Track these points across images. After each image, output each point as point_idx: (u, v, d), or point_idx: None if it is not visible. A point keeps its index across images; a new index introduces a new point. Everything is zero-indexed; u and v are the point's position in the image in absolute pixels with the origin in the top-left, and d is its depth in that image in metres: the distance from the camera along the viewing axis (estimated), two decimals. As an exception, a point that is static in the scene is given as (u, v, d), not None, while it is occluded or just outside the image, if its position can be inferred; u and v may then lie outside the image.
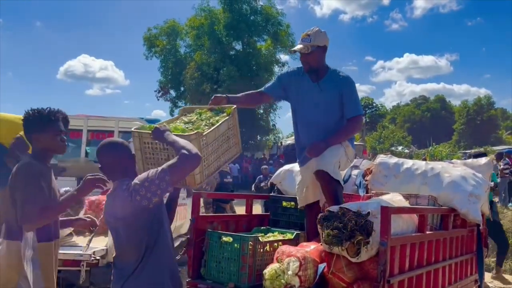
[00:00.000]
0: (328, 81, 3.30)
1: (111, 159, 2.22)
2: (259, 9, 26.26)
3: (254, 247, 2.93)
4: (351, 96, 3.29)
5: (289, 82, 3.44)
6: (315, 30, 3.28)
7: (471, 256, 3.94)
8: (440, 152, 26.31)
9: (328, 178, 3.14)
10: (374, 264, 2.56)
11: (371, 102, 54.09)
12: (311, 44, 3.22)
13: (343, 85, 3.28)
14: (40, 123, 2.53)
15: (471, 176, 3.67)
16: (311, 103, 3.32)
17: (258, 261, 2.96)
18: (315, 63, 3.28)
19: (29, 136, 2.59)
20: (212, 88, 24.77)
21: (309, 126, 3.37)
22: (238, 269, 2.92)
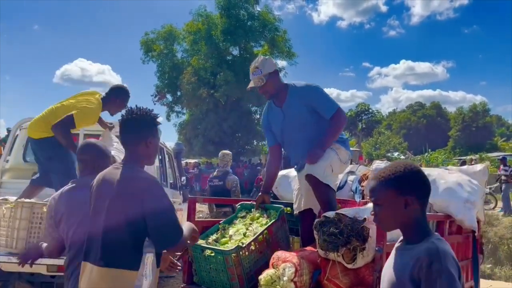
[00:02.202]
0: (291, 100, 3.37)
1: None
2: (256, 15, 26.33)
3: (238, 256, 2.88)
4: (319, 100, 3.33)
5: (268, 121, 3.58)
6: (260, 60, 3.37)
7: (466, 262, 3.94)
8: (436, 158, 26.37)
9: (316, 182, 3.17)
10: (370, 271, 2.56)
11: (368, 108, 54.20)
12: (263, 74, 3.31)
13: (306, 95, 3.33)
14: (155, 126, 2.19)
15: (466, 183, 3.69)
16: (286, 126, 3.41)
17: (247, 264, 2.94)
18: (273, 89, 3.39)
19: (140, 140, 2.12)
20: (209, 93, 24.80)
21: (292, 145, 3.48)
22: (229, 279, 2.90)
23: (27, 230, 3.45)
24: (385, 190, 1.58)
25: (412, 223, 1.57)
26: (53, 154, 4.01)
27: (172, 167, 6.73)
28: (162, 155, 6.13)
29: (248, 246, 2.94)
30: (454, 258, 1.49)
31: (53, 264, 3.51)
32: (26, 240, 3.46)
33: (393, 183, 1.56)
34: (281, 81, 3.45)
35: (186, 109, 28.14)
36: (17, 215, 3.46)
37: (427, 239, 1.54)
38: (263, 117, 3.65)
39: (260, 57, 3.42)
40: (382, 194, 1.59)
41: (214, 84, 24.97)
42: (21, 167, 5.22)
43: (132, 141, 2.14)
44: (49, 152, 4.03)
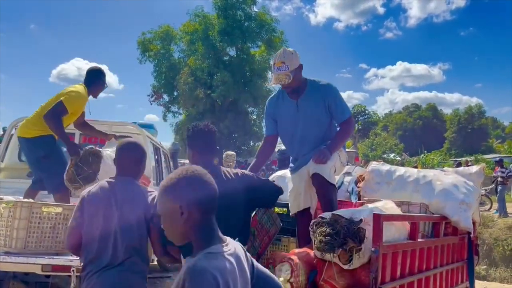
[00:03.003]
0: (309, 95, 3.33)
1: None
2: (253, 16, 26.35)
3: None
4: (336, 102, 3.33)
5: (274, 110, 3.49)
6: (288, 55, 3.24)
7: (462, 264, 3.95)
8: (432, 160, 26.47)
9: (323, 181, 3.16)
10: (366, 272, 2.56)
11: (364, 110, 54.44)
12: (290, 71, 3.19)
13: (326, 94, 3.32)
14: None
15: (462, 184, 3.70)
16: (297, 120, 3.36)
17: None
18: (296, 85, 3.30)
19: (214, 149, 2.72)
20: (206, 93, 24.78)
21: (300, 141, 3.41)
22: None
23: (26, 230, 3.44)
24: (162, 199, 1.47)
25: (193, 233, 1.45)
26: (47, 153, 3.98)
27: (168, 167, 6.72)
28: (158, 155, 6.12)
29: None
30: (214, 278, 1.29)
31: (47, 264, 3.50)
32: (25, 240, 3.45)
33: (169, 190, 1.45)
34: (301, 76, 3.35)
35: (182, 109, 28.10)
36: (16, 214, 3.45)
37: (199, 253, 1.40)
38: (270, 104, 3.53)
39: (286, 51, 3.29)
40: (160, 203, 1.48)
41: (211, 84, 24.96)
42: (16, 167, 5.21)
43: None
44: (44, 151, 3.98)
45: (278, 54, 3.28)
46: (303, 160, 3.35)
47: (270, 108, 3.53)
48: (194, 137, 2.64)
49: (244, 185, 2.55)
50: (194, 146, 2.64)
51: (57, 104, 3.88)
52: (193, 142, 2.65)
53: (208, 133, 2.65)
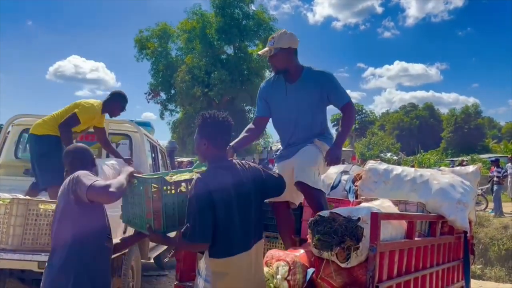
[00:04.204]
0: (305, 80, 3.30)
1: None
2: (251, 14, 26.34)
3: (160, 190, 2.44)
4: (335, 87, 3.30)
5: (267, 91, 3.45)
6: (280, 33, 3.31)
7: (458, 263, 3.97)
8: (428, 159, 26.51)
9: (308, 189, 3.11)
10: (363, 270, 2.57)
11: (361, 109, 54.46)
12: (274, 46, 3.24)
13: (322, 79, 3.29)
14: None
15: (459, 184, 3.71)
16: (289, 104, 3.33)
17: (171, 204, 2.47)
18: (280, 64, 3.28)
19: None
20: (203, 92, 24.76)
21: (291, 125, 3.37)
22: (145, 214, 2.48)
23: (23, 227, 3.44)
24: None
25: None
26: (49, 151, 4.18)
27: (165, 165, 6.71)
28: (155, 153, 6.11)
29: (177, 184, 2.50)
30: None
31: (44, 261, 3.48)
32: (22, 237, 3.45)
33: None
34: (295, 61, 3.33)
35: (179, 108, 28.08)
36: (12, 211, 3.45)
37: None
38: (264, 86, 3.51)
39: (282, 30, 3.34)
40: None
41: (208, 83, 24.94)
42: (12, 164, 5.18)
43: None
44: (47, 148, 4.21)
45: (275, 33, 3.37)
46: (288, 152, 3.31)
47: (263, 89, 3.50)
48: (216, 128, 2.41)
49: (256, 177, 2.47)
50: (212, 138, 2.40)
51: (71, 116, 4.32)
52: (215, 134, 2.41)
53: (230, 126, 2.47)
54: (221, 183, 2.28)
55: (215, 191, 2.24)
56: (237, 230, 2.31)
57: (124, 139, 5.59)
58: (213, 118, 2.39)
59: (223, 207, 2.25)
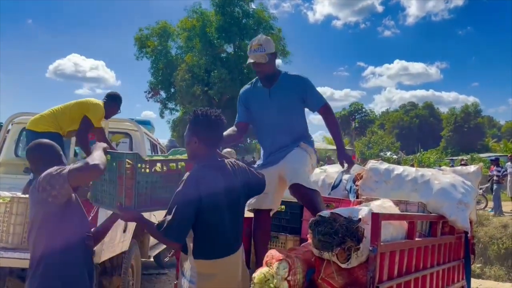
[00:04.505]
0: (282, 84, 3.35)
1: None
2: (251, 13, 26.31)
3: (134, 167, 2.38)
4: (311, 90, 3.36)
5: (247, 97, 3.47)
6: (265, 39, 3.33)
7: (458, 263, 3.97)
8: (428, 158, 26.53)
9: (304, 189, 3.11)
10: (364, 270, 2.56)
11: (361, 108, 54.49)
12: (265, 53, 3.26)
13: (299, 85, 3.34)
14: None
15: (460, 184, 3.71)
16: (269, 108, 3.34)
17: (144, 183, 2.40)
18: (270, 70, 3.34)
19: None
20: (203, 90, 24.74)
21: (274, 129, 3.37)
22: (116, 191, 2.41)
23: (23, 226, 3.44)
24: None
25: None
26: None
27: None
28: (155, 151, 6.12)
29: (152, 163, 2.45)
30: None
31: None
32: (22, 236, 3.45)
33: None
34: (275, 65, 3.45)
35: (179, 106, 28.05)
36: (13, 210, 3.45)
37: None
38: (244, 92, 3.53)
39: (262, 36, 3.38)
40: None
41: (208, 81, 24.91)
42: (12, 162, 5.18)
43: None
44: None
45: (256, 39, 3.34)
46: (274, 158, 3.31)
47: (243, 95, 3.51)
48: (208, 126, 2.35)
49: (244, 177, 2.46)
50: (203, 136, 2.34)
51: (85, 122, 4.34)
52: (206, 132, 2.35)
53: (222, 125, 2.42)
54: (212, 183, 2.25)
55: (205, 191, 2.20)
56: (226, 231, 2.30)
57: (124, 137, 5.59)
58: (205, 115, 2.34)
59: (212, 207, 2.23)
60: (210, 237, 2.23)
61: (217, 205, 2.24)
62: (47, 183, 2.12)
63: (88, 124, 4.36)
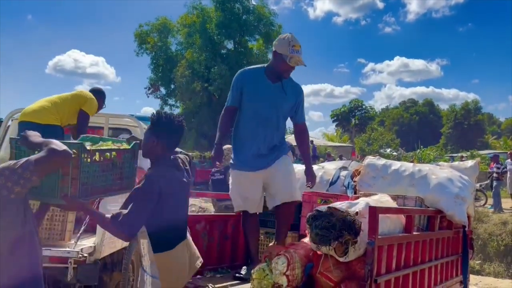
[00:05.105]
0: (288, 86, 3.41)
1: None
2: (251, 9, 26.25)
3: (79, 157, 2.35)
4: (303, 103, 3.53)
5: (245, 84, 3.42)
6: (296, 39, 3.35)
7: (456, 257, 3.99)
8: (428, 155, 26.54)
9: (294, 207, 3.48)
10: (362, 264, 2.58)
11: (361, 104, 54.31)
12: None
13: (300, 93, 3.50)
14: None
15: (457, 178, 3.72)
16: (272, 102, 3.36)
17: (86, 172, 2.40)
18: None
19: None
20: (203, 87, 24.72)
21: (271, 125, 3.40)
22: (59, 181, 2.35)
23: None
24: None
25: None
26: None
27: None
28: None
29: (92, 152, 2.48)
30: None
31: (44, 255, 3.49)
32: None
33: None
34: None
35: (179, 103, 28.04)
36: None
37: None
38: (242, 77, 3.46)
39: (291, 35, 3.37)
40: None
41: (208, 77, 24.89)
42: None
43: None
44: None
45: (294, 38, 3.33)
46: (262, 162, 3.35)
47: (241, 79, 3.46)
48: (170, 129, 2.43)
49: (187, 174, 2.60)
50: (163, 138, 2.42)
51: (85, 117, 4.31)
52: (167, 135, 2.43)
53: (183, 130, 2.52)
54: (171, 182, 2.37)
55: (164, 190, 2.30)
56: (181, 223, 2.45)
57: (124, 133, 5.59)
58: (168, 119, 2.43)
59: (170, 203, 2.34)
60: (168, 230, 2.34)
61: (175, 200, 2.39)
62: (6, 179, 1.94)
63: (87, 117, 4.32)
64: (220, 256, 3.69)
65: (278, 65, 3.33)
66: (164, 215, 2.32)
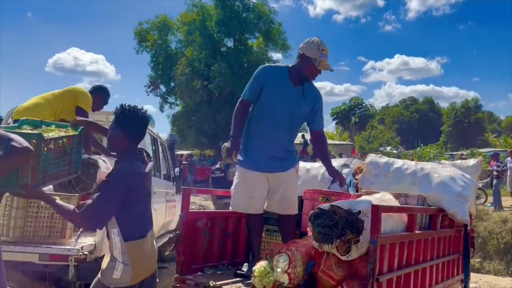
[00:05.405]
0: (309, 91, 3.38)
1: None
2: (251, 7, 26.16)
3: (38, 147, 2.42)
4: (321, 111, 3.49)
5: (267, 81, 3.33)
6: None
7: (458, 256, 3.98)
8: (428, 153, 26.53)
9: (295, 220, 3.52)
10: (364, 263, 2.57)
11: (361, 102, 54.32)
12: None
13: (319, 99, 3.45)
14: None
15: (459, 177, 3.71)
16: (289, 105, 3.32)
17: (43, 161, 2.49)
18: None
19: None
20: (203, 84, 24.67)
21: (286, 128, 3.36)
22: (19, 171, 2.37)
23: (24, 219, 3.45)
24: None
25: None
26: None
27: (165, 158, 6.70)
28: (155, 145, 6.10)
29: (48, 141, 2.56)
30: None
31: (45, 253, 3.50)
32: (23, 229, 3.45)
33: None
34: None
35: (179, 100, 27.98)
36: (13, 204, 3.45)
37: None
38: (265, 72, 3.36)
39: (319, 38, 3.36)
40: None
41: (208, 75, 24.82)
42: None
43: None
44: None
45: (323, 42, 3.32)
46: (271, 164, 3.33)
47: (263, 74, 3.35)
48: (134, 122, 2.42)
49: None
50: (128, 131, 2.41)
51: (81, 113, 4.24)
52: (131, 128, 2.42)
53: (147, 123, 2.54)
54: (139, 175, 2.40)
55: (132, 183, 2.33)
56: (147, 213, 2.50)
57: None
58: (132, 111, 2.42)
59: (138, 196, 2.39)
60: (137, 221, 2.39)
61: (142, 193, 2.44)
62: None
63: (85, 113, 4.29)
64: (221, 253, 3.67)
65: (306, 68, 3.28)
66: (135, 207, 2.36)
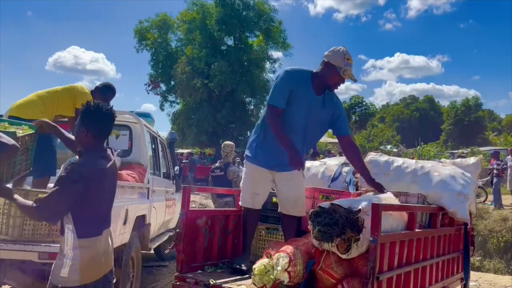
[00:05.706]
0: (329, 99, 3.39)
1: None
2: (251, 5, 26.12)
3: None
4: (343, 117, 3.48)
5: (294, 83, 3.28)
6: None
7: (458, 254, 3.98)
8: (428, 151, 26.52)
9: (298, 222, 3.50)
10: (364, 261, 2.56)
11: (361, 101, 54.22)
12: None
13: (338, 107, 3.45)
14: None
15: (460, 176, 3.70)
16: (308, 114, 3.33)
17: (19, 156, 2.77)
18: None
19: None
20: (203, 83, 24.65)
21: (294, 130, 3.34)
22: None
23: (23, 218, 3.44)
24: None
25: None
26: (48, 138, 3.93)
27: (165, 157, 6.70)
28: (155, 144, 6.10)
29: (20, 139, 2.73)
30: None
31: (44, 252, 3.50)
32: (22, 228, 3.45)
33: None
34: None
35: (179, 99, 27.97)
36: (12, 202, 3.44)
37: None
38: (294, 76, 3.30)
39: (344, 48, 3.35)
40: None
41: (208, 74, 24.81)
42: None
43: None
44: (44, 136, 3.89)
45: (348, 52, 3.32)
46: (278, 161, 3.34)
47: (293, 81, 3.28)
48: (98, 119, 2.41)
49: None
50: (92, 128, 2.39)
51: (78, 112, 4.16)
52: (96, 125, 2.41)
53: (113, 120, 2.50)
54: (98, 172, 2.37)
55: (90, 179, 2.30)
56: (105, 212, 2.48)
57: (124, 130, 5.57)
58: (97, 108, 2.42)
59: (96, 193, 2.35)
60: (93, 219, 2.37)
61: (101, 190, 2.40)
62: None
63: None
64: (221, 251, 3.67)
65: (330, 76, 3.27)
66: (92, 204, 2.34)
